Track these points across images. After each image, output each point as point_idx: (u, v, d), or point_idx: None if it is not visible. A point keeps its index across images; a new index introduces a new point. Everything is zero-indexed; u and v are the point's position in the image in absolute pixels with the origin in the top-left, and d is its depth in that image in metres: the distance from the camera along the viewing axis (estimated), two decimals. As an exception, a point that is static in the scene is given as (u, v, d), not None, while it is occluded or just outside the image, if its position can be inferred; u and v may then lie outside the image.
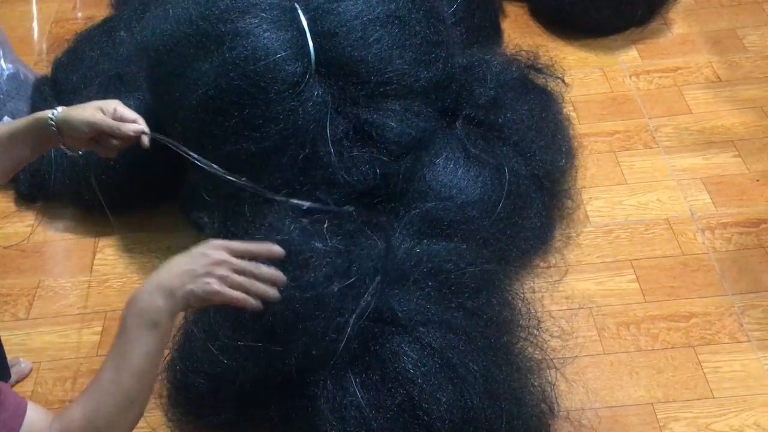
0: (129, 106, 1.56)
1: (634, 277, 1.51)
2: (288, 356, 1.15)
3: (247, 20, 1.34)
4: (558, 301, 1.47)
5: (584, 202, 1.66)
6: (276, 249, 0.97)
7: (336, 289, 1.20)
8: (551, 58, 1.83)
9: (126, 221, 1.69)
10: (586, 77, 2.00)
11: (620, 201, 1.67)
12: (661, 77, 1.98)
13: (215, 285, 0.88)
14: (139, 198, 1.69)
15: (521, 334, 1.29)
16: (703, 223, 1.60)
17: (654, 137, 1.81)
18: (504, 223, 1.45)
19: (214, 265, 0.90)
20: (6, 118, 1.77)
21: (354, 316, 1.16)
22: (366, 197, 1.45)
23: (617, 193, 1.68)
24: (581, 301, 1.47)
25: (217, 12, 1.35)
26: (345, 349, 1.14)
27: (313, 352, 1.14)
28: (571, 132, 1.71)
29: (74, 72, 1.78)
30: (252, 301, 0.92)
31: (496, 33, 2.09)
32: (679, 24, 2.14)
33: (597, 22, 2.07)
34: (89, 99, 1.26)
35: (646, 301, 1.46)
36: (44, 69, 2.04)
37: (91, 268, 1.62)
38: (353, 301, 1.18)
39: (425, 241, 1.33)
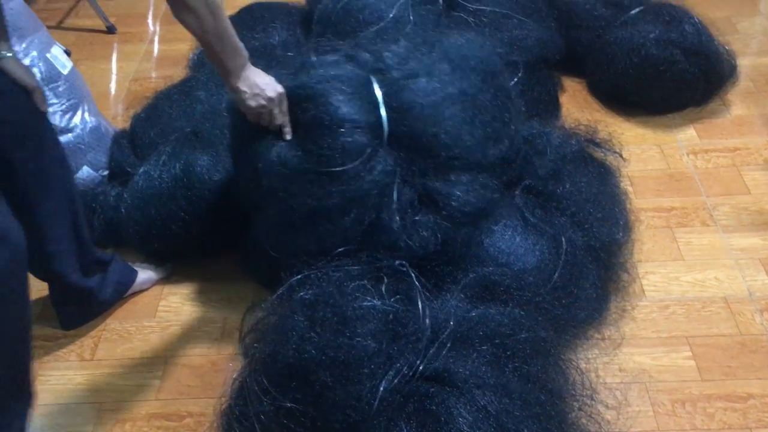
0: (203, 162, 1.66)
1: (690, 354, 1.50)
2: (336, 413, 1.17)
3: (327, 89, 1.42)
4: (612, 374, 1.46)
5: (640, 276, 1.67)
6: None
7: (388, 348, 1.23)
8: (609, 133, 1.86)
9: (190, 270, 1.77)
10: (644, 153, 2.03)
11: (677, 277, 1.67)
12: (719, 157, 1.99)
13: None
14: (204, 248, 1.76)
15: (575, 404, 1.29)
16: (761, 304, 1.59)
17: (711, 215, 1.81)
18: (560, 292, 1.46)
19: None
20: (85, 168, 1.88)
21: (401, 376, 1.18)
22: (424, 260, 1.49)
23: (674, 269, 1.69)
24: (636, 374, 1.46)
25: (299, 82, 1.44)
26: (400, 407, 1.16)
27: (356, 411, 1.16)
28: (628, 206, 1.73)
29: (152, 127, 1.89)
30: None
31: (555, 107, 2.15)
32: (737, 105, 2.17)
33: (655, 100, 2.11)
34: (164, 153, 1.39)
35: (702, 380, 1.45)
36: (122, 123, 2.16)
37: (155, 315, 1.68)
38: (405, 361, 1.21)
39: (482, 305, 1.35)
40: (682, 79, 2.04)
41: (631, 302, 1.61)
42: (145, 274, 1.72)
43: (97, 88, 2.43)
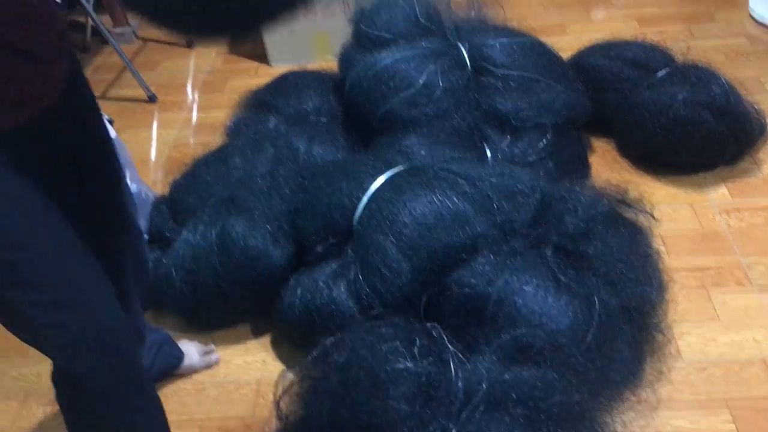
0: (239, 228, 1.70)
1: (730, 418, 1.47)
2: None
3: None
4: (650, 438, 1.44)
5: (676, 336, 1.65)
6: None
7: (421, 411, 1.23)
8: (640, 193, 1.87)
9: (226, 333, 1.80)
10: (675, 213, 2.02)
11: (713, 338, 1.64)
12: (752, 215, 1.98)
13: None
14: (239, 312, 1.80)
15: (612, 469, 1.27)
16: (802, 365, 1.56)
17: (747, 275, 1.80)
18: (594, 353, 1.45)
19: None
20: (126, 233, 1.93)
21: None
22: (454, 319, 1.50)
23: (710, 330, 1.66)
24: (674, 439, 1.44)
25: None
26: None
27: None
28: (661, 266, 1.72)
29: (190, 193, 1.95)
30: None
31: (584, 167, 2.17)
32: (769, 164, 2.17)
33: (685, 160, 2.12)
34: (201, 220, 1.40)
35: (743, 444, 1.42)
36: (162, 189, 2.23)
37: (191, 377, 1.70)
38: (438, 424, 1.21)
39: (515, 367, 1.35)
40: (711, 139, 2.05)
41: (667, 364, 1.59)
42: (189, 359, 1.71)
43: (139, 155, 2.52)
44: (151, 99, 2.86)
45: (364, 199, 1.69)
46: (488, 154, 2.07)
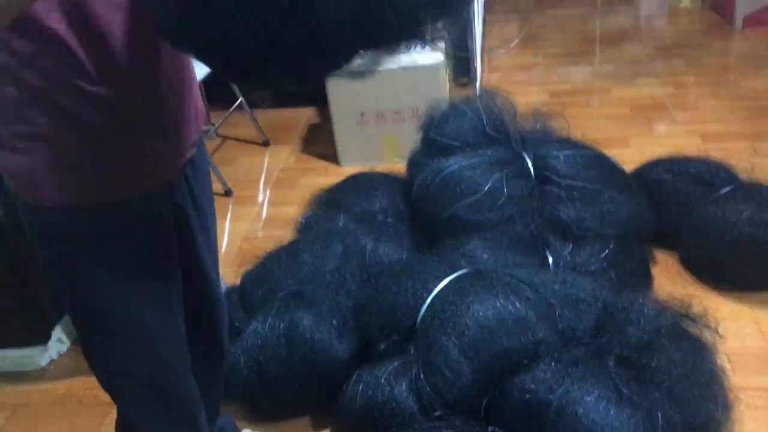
0: (306, 322, 1.76)
1: None
2: None
3: None
4: None
5: (742, 458, 1.61)
6: None
7: None
8: (704, 308, 1.86)
9: (289, 425, 1.84)
10: (741, 330, 2.00)
11: (782, 462, 1.60)
12: (822, 336, 1.95)
13: None
14: (304, 404, 1.84)
15: None
16: None
17: (817, 398, 1.75)
18: (656, 469, 1.43)
19: None
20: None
21: None
22: (514, 423, 1.51)
23: (778, 453, 1.62)
24: None
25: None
26: None
27: None
28: (726, 384, 1.70)
29: (261, 285, 2.03)
30: None
31: (647, 279, 2.18)
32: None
33: (750, 277, 2.11)
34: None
35: None
36: (232, 279, 2.33)
37: (249, 465, 1.74)
38: None
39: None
40: (777, 257, 2.05)
41: (733, 486, 1.54)
42: None
43: (212, 245, 2.64)
44: (228, 193, 3.02)
45: (428, 300, 1.74)
46: (550, 261, 2.10)
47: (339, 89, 3.01)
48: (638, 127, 3.19)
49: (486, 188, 2.21)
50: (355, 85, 2.85)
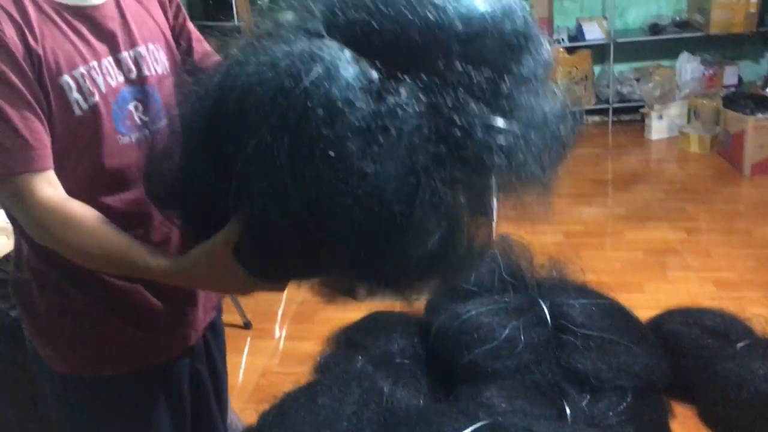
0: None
1: None
2: None
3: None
4: None
5: None
6: None
7: None
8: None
9: None
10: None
11: None
12: None
13: None
14: None
15: None
16: None
17: None
18: None
19: None
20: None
21: None
22: None
23: None
24: None
25: None
26: None
27: None
28: None
29: (278, 429, 2.04)
30: None
31: (665, 435, 2.17)
32: None
33: (770, 436, 2.10)
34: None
35: None
36: (248, 415, 2.33)
37: None
38: None
39: None
40: (796, 418, 2.04)
41: None
42: None
43: (229, 379, 2.66)
44: (246, 326, 3.07)
45: (447, 453, 1.74)
46: (568, 411, 2.10)
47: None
48: (652, 272, 3.25)
49: (504, 335, 2.25)
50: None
